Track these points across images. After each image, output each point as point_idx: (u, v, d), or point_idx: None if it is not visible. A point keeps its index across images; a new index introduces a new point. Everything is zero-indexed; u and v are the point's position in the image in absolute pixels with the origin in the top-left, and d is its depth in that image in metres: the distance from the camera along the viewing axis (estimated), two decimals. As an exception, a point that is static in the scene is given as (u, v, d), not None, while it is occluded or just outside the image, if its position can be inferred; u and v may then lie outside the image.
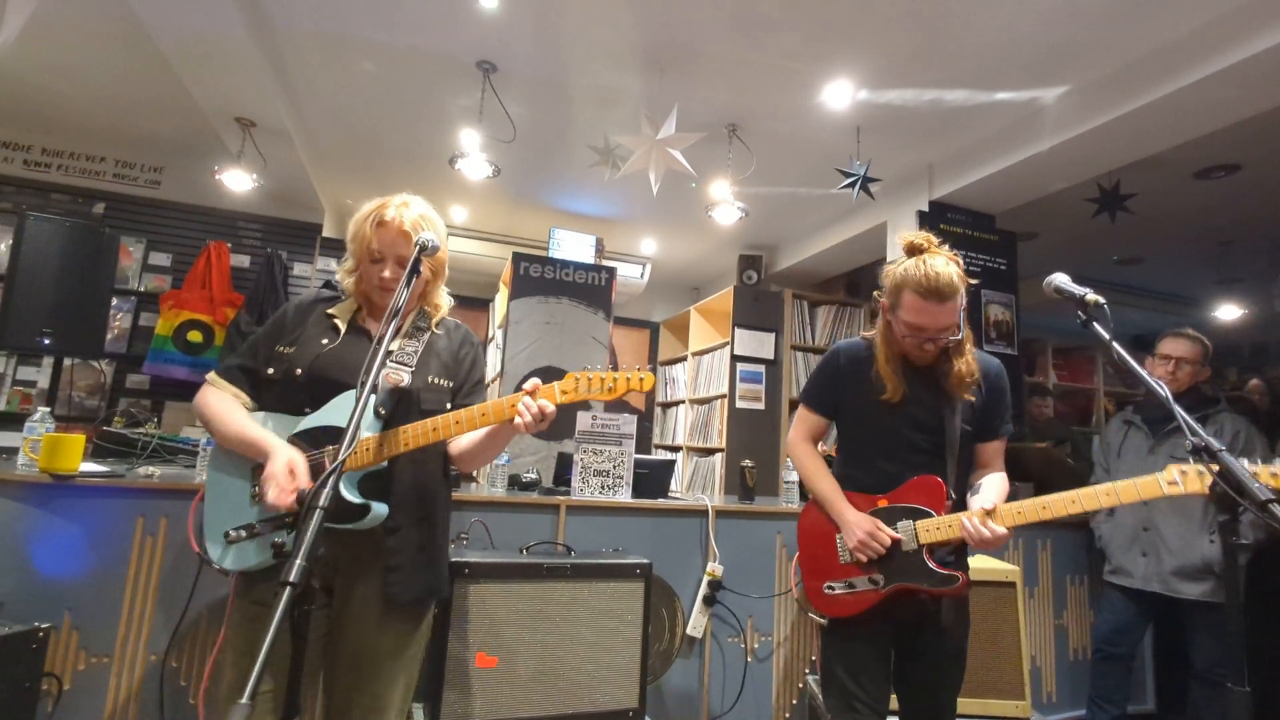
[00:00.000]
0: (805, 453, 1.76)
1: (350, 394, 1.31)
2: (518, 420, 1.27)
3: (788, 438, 1.82)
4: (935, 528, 1.52)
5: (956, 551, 1.60)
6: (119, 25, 2.93)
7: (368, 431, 1.31)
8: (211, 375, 1.41)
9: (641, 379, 1.33)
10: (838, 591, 1.59)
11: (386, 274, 1.39)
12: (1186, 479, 1.31)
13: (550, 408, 1.28)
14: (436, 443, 1.39)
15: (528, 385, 1.30)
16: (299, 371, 1.34)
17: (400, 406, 1.35)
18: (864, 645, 1.58)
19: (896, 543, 1.54)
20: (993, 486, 1.61)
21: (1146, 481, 1.35)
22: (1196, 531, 2.43)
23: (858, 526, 1.57)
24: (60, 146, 4.20)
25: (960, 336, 1.56)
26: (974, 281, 1.59)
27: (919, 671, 1.60)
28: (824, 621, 1.62)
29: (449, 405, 1.45)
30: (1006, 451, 1.72)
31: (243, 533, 1.29)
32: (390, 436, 1.31)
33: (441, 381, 1.45)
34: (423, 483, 1.41)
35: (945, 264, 1.49)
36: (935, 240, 1.56)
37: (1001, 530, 1.46)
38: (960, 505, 1.60)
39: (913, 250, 1.56)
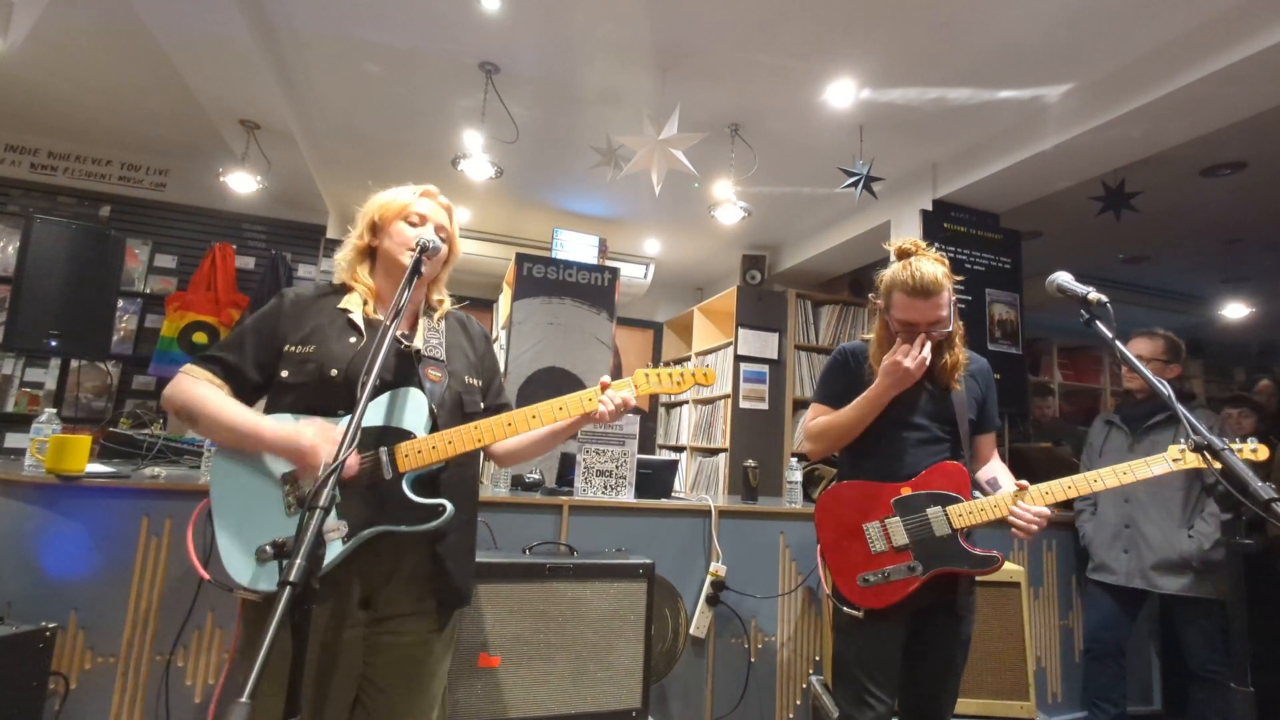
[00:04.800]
0: (827, 413, 1.77)
1: (397, 392, 1.28)
2: (600, 409, 1.34)
3: (805, 426, 1.84)
4: (969, 512, 1.58)
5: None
6: (124, 29, 2.95)
7: (421, 432, 1.27)
8: (187, 366, 1.27)
9: (705, 374, 1.43)
10: (873, 583, 1.60)
11: (425, 233, 1.34)
12: (1187, 456, 1.53)
13: (632, 400, 1.35)
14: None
15: (603, 379, 1.37)
16: (334, 372, 1.25)
17: (443, 408, 1.32)
18: (880, 638, 1.61)
19: (929, 529, 1.59)
20: (1006, 473, 1.75)
21: (1154, 459, 1.58)
22: (1175, 527, 2.48)
23: (901, 355, 1.59)
24: (66, 150, 4.23)
25: (950, 329, 1.66)
26: (960, 279, 1.71)
27: (929, 659, 1.64)
28: (860, 615, 1.61)
29: (481, 404, 1.43)
30: (1008, 451, 1.77)
31: (269, 549, 1.06)
32: (459, 434, 1.26)
33: (474, 381, 1.43)
34: (468, 486, 1.38)
35: (931, 264, 1.62)
36: (923, 244, 1.69)
37: (1045, 509, 1.55)
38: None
39: (902, 255, 1.70)
